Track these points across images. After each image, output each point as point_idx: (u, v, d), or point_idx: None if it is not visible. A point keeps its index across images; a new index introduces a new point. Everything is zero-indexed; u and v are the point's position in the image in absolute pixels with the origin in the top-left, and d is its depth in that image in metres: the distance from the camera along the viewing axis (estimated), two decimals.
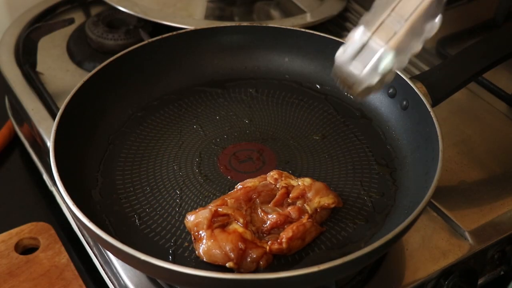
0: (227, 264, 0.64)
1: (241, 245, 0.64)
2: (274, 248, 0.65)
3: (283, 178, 0.71)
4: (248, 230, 0.66)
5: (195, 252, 0.67)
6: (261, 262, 0.65)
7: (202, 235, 0.66)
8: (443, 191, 0.78)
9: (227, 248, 0.64)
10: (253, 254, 0.64)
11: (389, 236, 0.61)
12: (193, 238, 0.67)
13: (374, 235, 0.69)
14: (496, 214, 0.76)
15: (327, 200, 0.69)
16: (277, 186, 0.71)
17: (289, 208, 0.68)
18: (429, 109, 0.74)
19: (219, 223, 0.66)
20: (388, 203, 0.72)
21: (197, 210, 0.68)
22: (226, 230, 0.66)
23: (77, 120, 0.76)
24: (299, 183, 0.70)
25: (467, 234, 0.74)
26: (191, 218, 0.68)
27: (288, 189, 0.70)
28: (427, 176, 0.68)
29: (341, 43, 0.85)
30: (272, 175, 0.72)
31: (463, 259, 0.72)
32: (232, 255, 0.64)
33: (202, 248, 0.65)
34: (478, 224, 0.75)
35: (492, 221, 0.75)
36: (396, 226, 0.62)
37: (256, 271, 0.65)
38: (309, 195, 0.69)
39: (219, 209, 0.67)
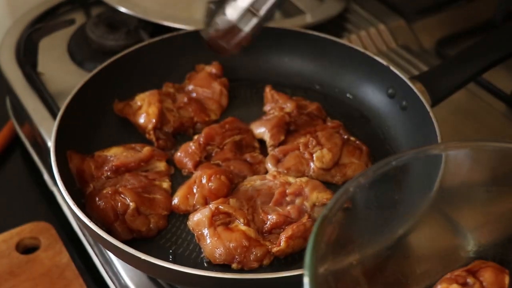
0: (232, 266, 0.65)
1: (245, 242, 0.64)
2: (275, 251, 0.65)
3: (281, 176, 0.71)
4: (251, 228, 0.66)
5: (195, 251, 0.67)
6: (264, 261, 0.65)
7: (205, 233, 0.66)
8: None
9: (231, 246, 0.64)
10: (257, 252, 0.65)
11: None
12: (196, 238, 0.68)
13: None
14: None
15: (325, 195, 0.69)
16: (276, 182, 0.71)
17: (288, 208, 0.68)
18: (428, 109, 0.74)
19: (221, 221, 0.67)
20: None
21: (198, 210, 0.69)
22: (230, 228, 0.66)
23: (77, 120, 0.77)
24: (296, 180, 0.71)
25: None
26: (192, 218, 0.68)
27: (285, 186, 0.70)
28: None
29: (340, 44, 0.87)
30: (271, 173, 0.72)
31: None
32: (236, 253, 0.64)
33: (206, 247, 0.66)
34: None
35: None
36: None
37: (259, 269, 0.65)
38: (306, 190, 0.69)
39: (220, 206, 0.67)
